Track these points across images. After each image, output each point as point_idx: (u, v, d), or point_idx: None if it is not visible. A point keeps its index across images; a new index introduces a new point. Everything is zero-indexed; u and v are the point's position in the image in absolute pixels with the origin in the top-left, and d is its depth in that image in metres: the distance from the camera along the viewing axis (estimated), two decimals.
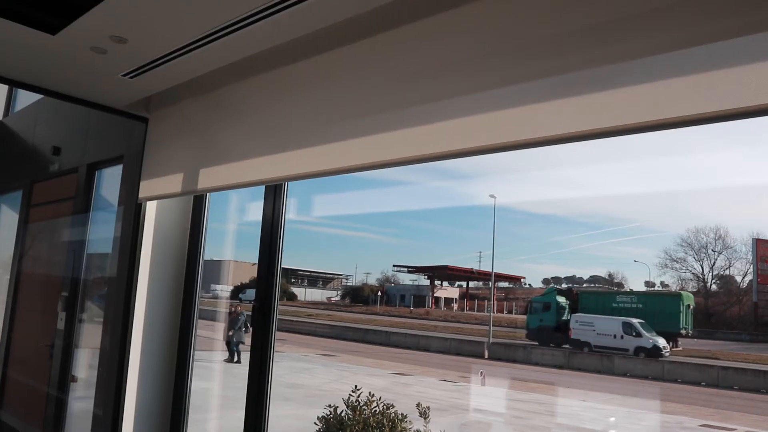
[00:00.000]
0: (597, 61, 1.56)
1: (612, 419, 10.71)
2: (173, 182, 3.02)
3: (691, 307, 17.54)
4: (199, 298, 3.45)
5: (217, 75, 2.76)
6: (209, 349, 12.00)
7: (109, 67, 2.77)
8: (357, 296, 30.32)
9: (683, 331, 17.09)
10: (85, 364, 4.35)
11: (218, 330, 13.07)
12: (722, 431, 10.17)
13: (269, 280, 2.83)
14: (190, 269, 3.44)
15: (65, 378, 4.36)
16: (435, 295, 27.65)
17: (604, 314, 17.78)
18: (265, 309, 2.79)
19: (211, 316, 12.70)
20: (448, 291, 28.06)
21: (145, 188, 3.24)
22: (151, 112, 3.38)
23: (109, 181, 4.33)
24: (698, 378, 14.71)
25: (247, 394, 2.85)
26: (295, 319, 24.35)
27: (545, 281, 26.50)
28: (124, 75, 2.85)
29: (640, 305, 18.26)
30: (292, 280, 32.18)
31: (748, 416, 11.43)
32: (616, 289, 23.81)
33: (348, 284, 32.71)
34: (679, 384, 14.52)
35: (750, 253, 18.92)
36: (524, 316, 23.25)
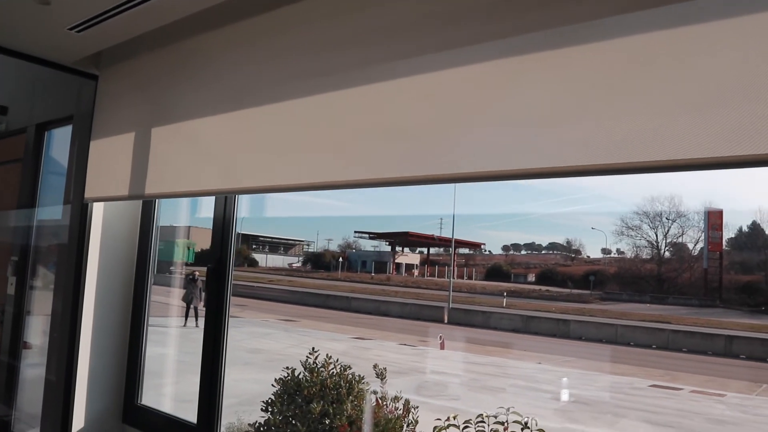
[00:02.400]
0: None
1: (564, 380, 11.01)
2: (125, 142, 2.92)
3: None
4: (153, 263, 3.39)
5: (173, 29, 2.66)
6: (168, 315, 11.88)
7: (54, 20, 2.65)
8: (318, 262, 30.32)
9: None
10: (39, 331, 4.26)
11: (178, 296, 12.95)
12: (670, 390, 10.57)
13: (224, 241, 2.78)
14: (143, 233, 3.36)
15: (17, 345, 4.26)
16: (396, 261, 27.83)
17: None
18: (220, 271, 2.75)
19: (170, 282, 12.55)
20: (409, 257, 28.26)
21: (96, 149, 3.13)
22: (102, 69, 3.25)
23: (60, 142, 4.18)
24: (650, 341, 15.21)
25: (202, 358, 2.83)
26: (256, 284, 24.27)
27: (505, 248, 26.88)
28: (71, 28, 2.72)
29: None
30: (253, 246, 31.98)
31: (694, 376, 11.88)
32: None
33: (309, 250, 32.66)
34: (632, 347, 14.99)
35: (702, 221, 19.48)
36: (484, 282, 23.63)
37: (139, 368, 3.24)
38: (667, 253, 21.36)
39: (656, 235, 21.21)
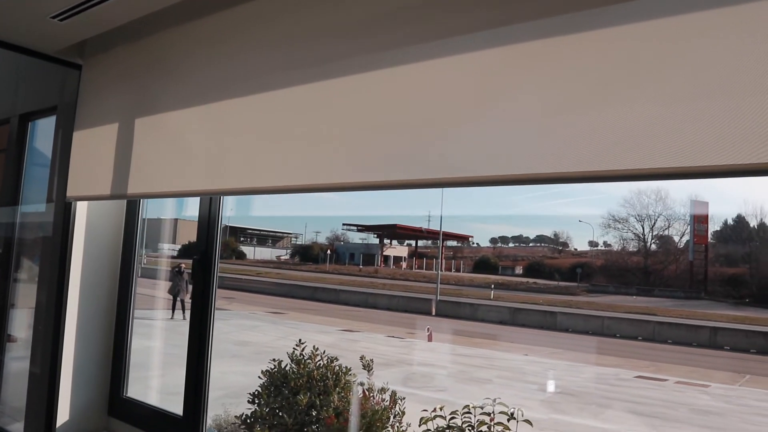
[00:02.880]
0: None
1: (551, 371, 11.09)
2: (108, 136, 2.89)
3: None
4: (139, 255, 3.36)
5: (157, 18, 2.63)
6: (156, 308, 11.85)
7: (36, 8, 2.61)
8: (307, 255, 30.28)
9: None
10: (25, 324, 4.22)
11: (165, 289, 12.91)
12: (655, 381, 10.67)
13: (210, 232, 2.77)
14: (129, 225, 3.34)
15: (1, 337, 4.22)
16: (384, 253, 27.85)
17: None
18: (206, 263, 2.74)
19: (158, 275, 12.50)
20: (397, 249, 28.29)
21: (79, 143, 3.10)
22: (86, 59, 3.21)
23: (45, 133, 4.13)
24: (636, 333, 15.34)
25: (188, 350, 2.82)
26: (243, 277, 24.21)
27: (492, 240, 26.97)
28: (54, 17, 2.69)
29: None
30: (241, 239, 31.88)
31: (679, 367, 12.01)
32: None
33: (298, 243, 32.61)
34: (618, 339, 15.12)
35: (688, 214, 19.64)
36: (472, 274, 23.68)
37: (124, 361, 3.22)
38: (653, 246, 21.53)
39: (643, 228, 21.37)
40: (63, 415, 3.10)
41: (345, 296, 20.46)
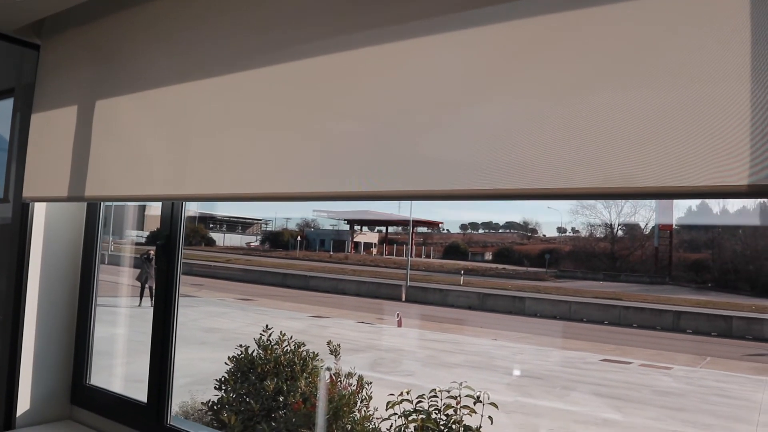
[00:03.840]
0: None
1: (520, 356, 11.26)
2: (68, 114, 2.82)
3: None
4: (104, 242, 3.30)
5: None
6: (124, 295, 11.70)
7: None
8: (277, 241, 30.13)
9: None
10: None
11: (134, 276, 12.75)
12: (620, 364, 10.90)
13: (173, 216, 2.73)
14: (91, 209, 3.27)
15: None
16: (355, 240, 27.85)
17: None
18: (170, 248, 2.70)
19: (126, 263, 12.33)
20: (367, 236, 28.32)
21: (37, 122, 3.02)
22: (44, 38, 3.11)
23: (2, 116, 4.01)
24: (602, 317, 15.65)
25: (152, 337, 2.78)
26: (213, 264, 24.02)
27: (462, 227, 27.16)
28: None
29: None
30: (211, 226, 31.58)
31: (644, 350, 12.28)
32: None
33: (268, 229, 32.41)
34: (585, 323, 15.39)
35: (653, 201, 20.01)
36: (442, 260, 23.82)
37: (87, 348, 3.16)
38: (620, 232, 21.92)
39: (610, 215, 21.74)
40: (24, 404, 3.04)
41: (315, 282, 20.44)
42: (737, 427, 7.51)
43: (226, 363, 3.68)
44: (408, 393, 3.04)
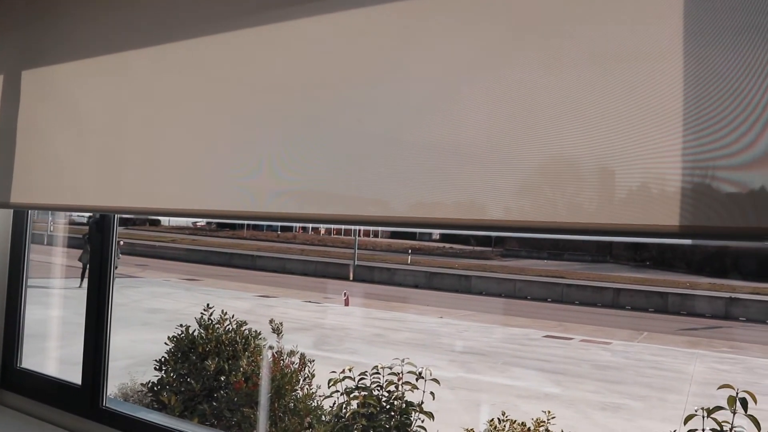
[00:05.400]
0: None
1: (465, 333, 11.45)
2: None
3: None
4: (32, 221, 3.17)
5: None
6: (65, 276, 11.35)
7: None
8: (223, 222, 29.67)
9: None
10: None
11: (75, 256, 12.38)
12: (562, 340, 11.22)
13: None
14: None
15: None
16: None
17: None
18: (104, 224, 2.61)
19: (68, 243, 11.95)
20: None
21: None
22: None
23: None
24: (546, 295, 16.04)
25: (86, 317, 2.69)
26: (158, 244, 23.53)
27: None
28: None
29: None
30: None
31: (585, 326, 12.66)
32: None
33: None
34: (529, 300, 15.75)
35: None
36: (389, 240, 23.93)
37: (17, 331, 3.05)
38: None
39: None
40: None
41: (262, 262, 20.27)
42: (670, 398, 7.84)
43: (166, 343, 3.61)
44: (350, 370, 3.05)
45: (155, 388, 3.59)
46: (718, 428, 2.53)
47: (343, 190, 1.61)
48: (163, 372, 3.65)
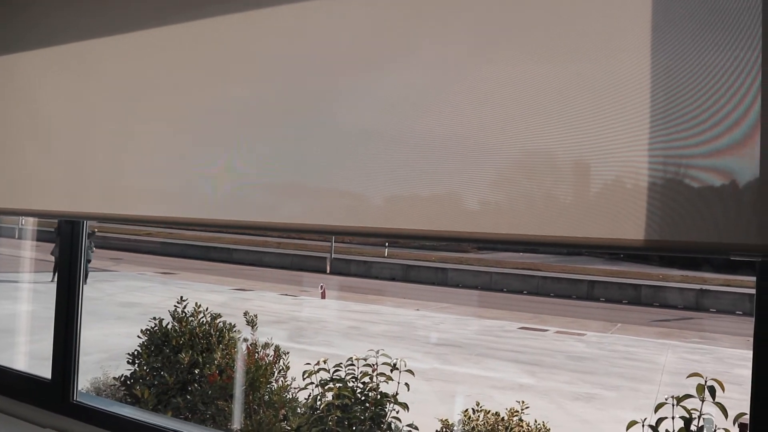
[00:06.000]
0: None
1: (441, 325, 11.50)
2: None
3: None
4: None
5: None
6: (38, 270, 11.18)
7: None
8: None
9: None
10: None
11: (48, 250, 12.17)
12: (537, 332, 11.33)
13: None
14: None
15: None
16: None
17: None
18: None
19: (40, 237, 11.75)
20: None
21: None
22: None
23: None
24: (521, 287, 16.17)
25: (56, 311, 2.66)
26: (132, 237, 23.23)
27: None
28: None
29: None
30: None
31: (559, 318, 12.79)
32: None
33: None
34: (505, 293, 15.85)
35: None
36: None
37: None
38: None
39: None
40: None
41: (239, 255, 20.14)
42: (642, 387, 7.97)
43: (139, 336, 3.57)
44: (325, 362, 3.05)
45: (128, 382, 3.56)
46: (687, 416, 2.58)
47: (316, 182, 1.61)
48: (136, 365, 3.61)
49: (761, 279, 1.25)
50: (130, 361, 3.60)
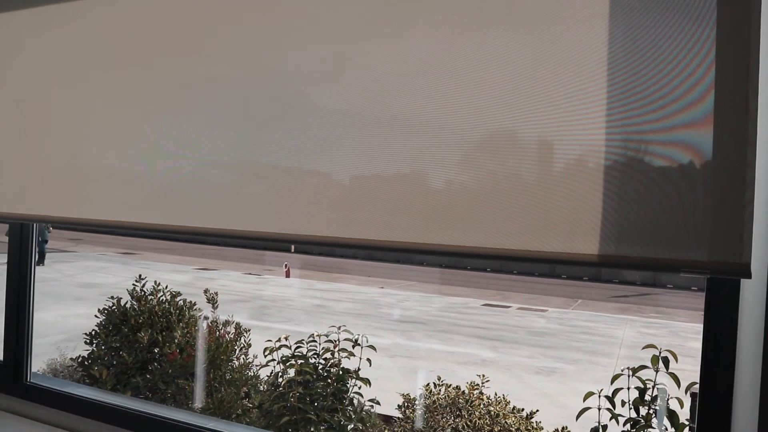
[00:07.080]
0: None
1: (405, 303, 11.58)
2: None
3: None
4: None
5: None
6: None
7: None
8: None
9: None
10: None
11: (4, 231, 11.83)
12: (500, 308, 11.49)
13: None
14: None
15: None
16: None
17: None
18: None
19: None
20: None
21: None
22: None
23: None
24: (485, 265, 16.36)
25: (6, 291, 2.58)
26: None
27: None
28: None
29: None
30: None
31: (522, 295, 13.00)
32: None
33: None
34: (469, 271, 16.02)
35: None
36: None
37: None
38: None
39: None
40: None
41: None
42: (601, 361, 8.17)
43: (96, 316, 3.50)
44: (286, 339, 3.03)
45: (86, 363, 3.49)
46: (642, 386, 2.65)
47: (284, 161, 1.58)
48: (93, 345, 3.55)
49: (709, 294, 1.25)
50: (88, 341, 3.53)
